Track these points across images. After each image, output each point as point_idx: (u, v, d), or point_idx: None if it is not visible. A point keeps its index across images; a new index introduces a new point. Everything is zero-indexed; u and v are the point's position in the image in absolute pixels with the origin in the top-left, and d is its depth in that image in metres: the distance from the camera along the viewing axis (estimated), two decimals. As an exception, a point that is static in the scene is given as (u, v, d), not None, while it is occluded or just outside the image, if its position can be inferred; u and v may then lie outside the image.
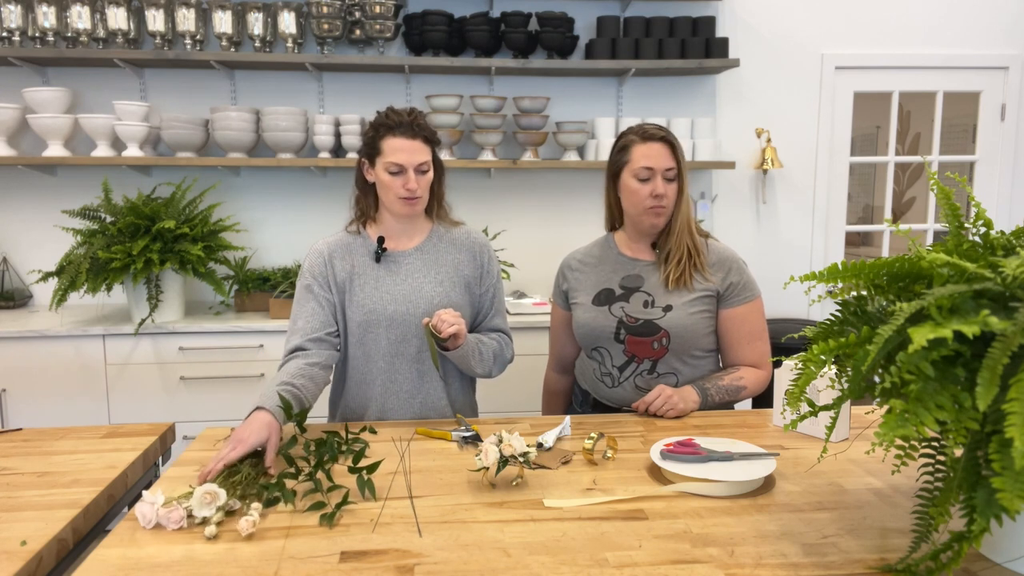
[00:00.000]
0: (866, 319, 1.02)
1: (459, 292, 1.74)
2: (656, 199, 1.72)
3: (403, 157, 1.63)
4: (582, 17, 3.32)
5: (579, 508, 1.19)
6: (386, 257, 1.73)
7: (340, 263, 1.73)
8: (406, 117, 1.66)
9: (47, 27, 2.95)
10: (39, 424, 2.72)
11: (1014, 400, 0.76)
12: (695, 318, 1.74)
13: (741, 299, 1.77)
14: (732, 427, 1.60)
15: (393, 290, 1.71)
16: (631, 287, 1.79)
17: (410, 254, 1.74)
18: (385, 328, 1.70)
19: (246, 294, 3.03)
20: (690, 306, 1.74)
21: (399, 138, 1.64)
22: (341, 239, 1.77)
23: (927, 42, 3.50)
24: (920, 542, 0.96)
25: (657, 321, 1.73)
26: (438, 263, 1.74)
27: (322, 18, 3.01)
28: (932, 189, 1.12)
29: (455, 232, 1.79)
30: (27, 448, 1.50)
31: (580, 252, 1.93)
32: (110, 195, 2.77)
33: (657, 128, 1.75)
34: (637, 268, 1.81)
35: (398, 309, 1.69)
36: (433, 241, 1.77)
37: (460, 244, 1.78)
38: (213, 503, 1.13)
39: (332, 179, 3.32)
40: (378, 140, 1.65)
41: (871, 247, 4.72)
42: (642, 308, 1.75)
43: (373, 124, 1.68)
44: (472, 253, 1.78)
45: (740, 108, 3.45)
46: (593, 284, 1.82)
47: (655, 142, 1.72)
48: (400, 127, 1.64)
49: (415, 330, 1.70)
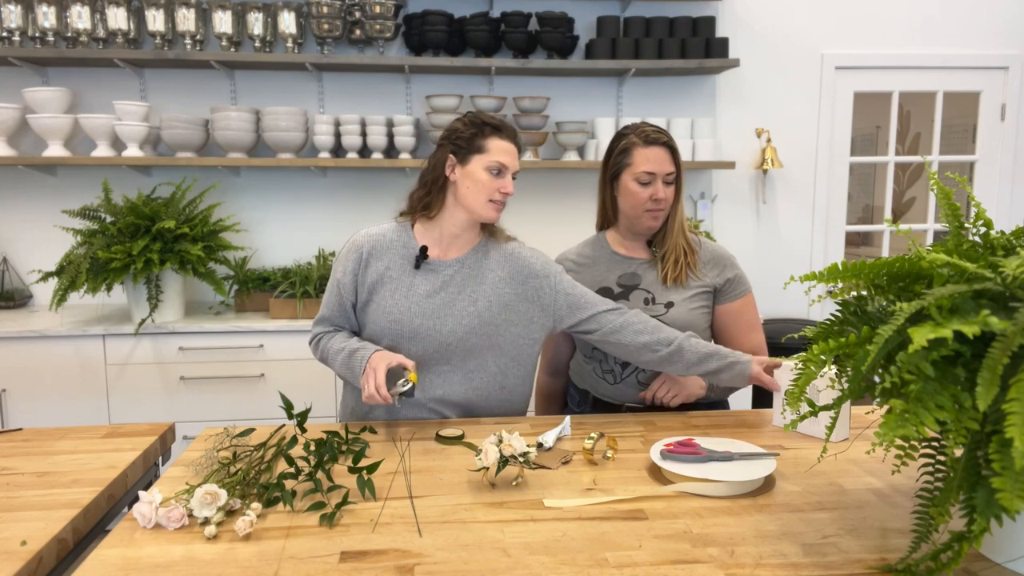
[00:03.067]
0: (866, 319, 1.02)
1: (495, 311, 1.65)
2: (655, 202, 1.73)
3: (508, 159, 1.61)
4: (582, 17, 3.32)
5: (579, 508, 1.19)
6: (425, 265, 1.66)
7: (376, 263, 1.67)
8: (510, 125, 1.65)
9: (47, 27, 2.95)
10: (39, 424, 2.72)
11: (1014, 400, 0.76)
12: (695, 313, 1.76)
13: (737, 294, 1.81)
14: (732, 427, 1.60)
15: (423, 303, 1.63)
16: (629, 285, 1.80)
17: (451, 265, 1.66)
18: (408, 340, 1.63)
19: (246, 294, 3.03)
20: (690, 302, 1.76)
21: (506, 141, 1.62)
22: (385, 233, 1.70)
23: (927, 42, 3.50)
24: (920, 542, 0.96)
25: (661, 318, 1.74)
26: (476, 279, 1.66)
27: (322, 18, 3.01)
28: (932, 189, 1.12)
29: (504, 247, 1.71)
30: (27, 448, 1.50)
31: (572, 252, 1.92)
32: (110, 195, 2.77)
33: (657, 131, 1.75)
34: (632, 266, 1.82)
35: (424, 324, 1.62)
36: (478, 256, 1.69)
37: (503, 261, 1.69)
38: (213, 503, 1.13)
39: (332, 179, 3.31)
40: (481, 138, 1.60)
41: (871, 247, 4.72)
42: (643, 305, 1.77)
43: (474, 122, 1.62)
44: (514, 270, 1.68)
45: (740, 108, 3.45)
46: (589, 284, 1.82)
47: (657, 147, 1.73)
48: (506, 131, 1.63)
49: (441, 347, 1.63)
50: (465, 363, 1.66)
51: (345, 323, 1.72)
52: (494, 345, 1.66)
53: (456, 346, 1.64)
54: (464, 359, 1.65)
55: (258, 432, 1.54)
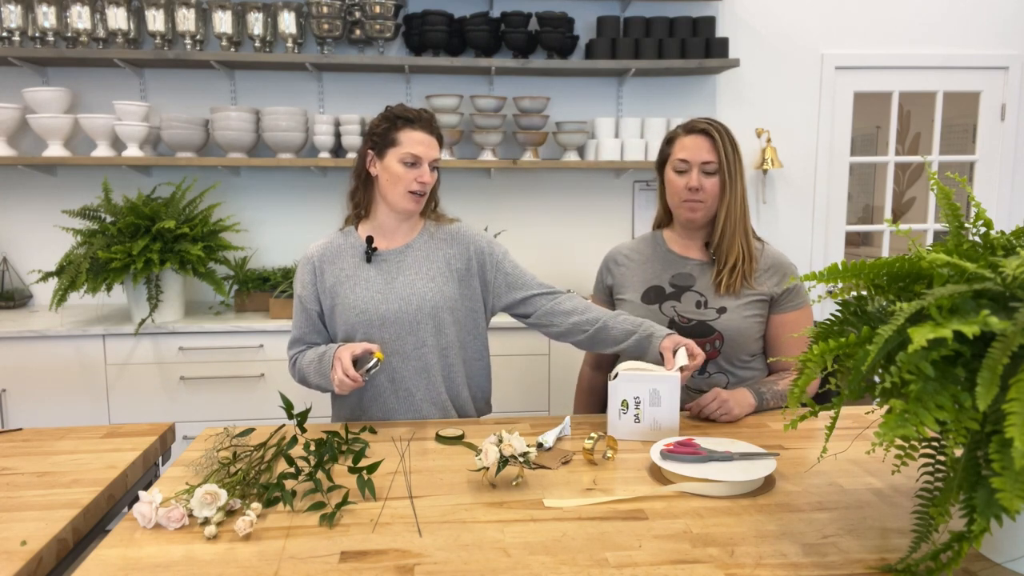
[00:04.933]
0: (866, 319, 1.02)
1: (452, 285, 1.73)
2: (691, 192, 1.68)
3: (421, 150, 1.64)
4: (582, 17, 3.32)
5: (579, 508, 1.19)
6: (377, 257, 1.74)
7: (330, 268, 1.74)
8: (424, 114, 1.69)
9: (47, 27, 2.95)
10: (39, 424, 2.72)
11: (1014, 400, 0.76)
12: (749, 321, 1.70)
13: (794, 304, 1.73)
14: (732, 427, 1.60)
15: (385, 289, 1.71)
16: (682, 286, 1.74)
17: (401, 252, 1.74)
18: (378, 328, 1.70)
19: (246, 294, 3.03)
20: (744, 309, 1.70)
21: (419, 131, 1.66)
22: (332, 242, 1.78)
23: (927, 42, 3.50)
24: (920, 542, 0.96)
25: (712, 323, 1.69)
26: (429, 259, 1.74)
27: (322, 18, 3.01)
28: (932, 189, 1.12)
29: (446, 228, 1.79)
30: (27, 448, 1.50)
31: (626, 247, 1.88)
32: (110, 195, 2.77)
33: (707, 121, 1.70)
34: (688, 267, 1.76)
35: (391, 308, 1.69)
36: (424, 238, 1.76)
37: (451, 239, 1.77)
38: (213, 503, 1.13)
39: (332, 179, 3.31)
40: (395, 131, 1.66)
41: (871, 247, 4.72)
42: (695, 308, 1.71)
43: (387, 116, 1.69)
44: (462, 246, 1.76)
45: (740, 108, 3.45)
46: (641, 281, 1.78)
47: (695, 134, 1.69)
48: (419, 121, 1.67)
49: (410, 327, 1.70)
50: (438, 339, 1.72)
51: (317, 338, 1.78)
52: (458, 320, 1.75)
53: (425, 323, 1.70)
54: (436, 334, 1.72)
55: (258, 432, 1.54)
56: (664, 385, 1.49)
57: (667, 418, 1.51)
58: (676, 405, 1.51)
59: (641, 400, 1.50)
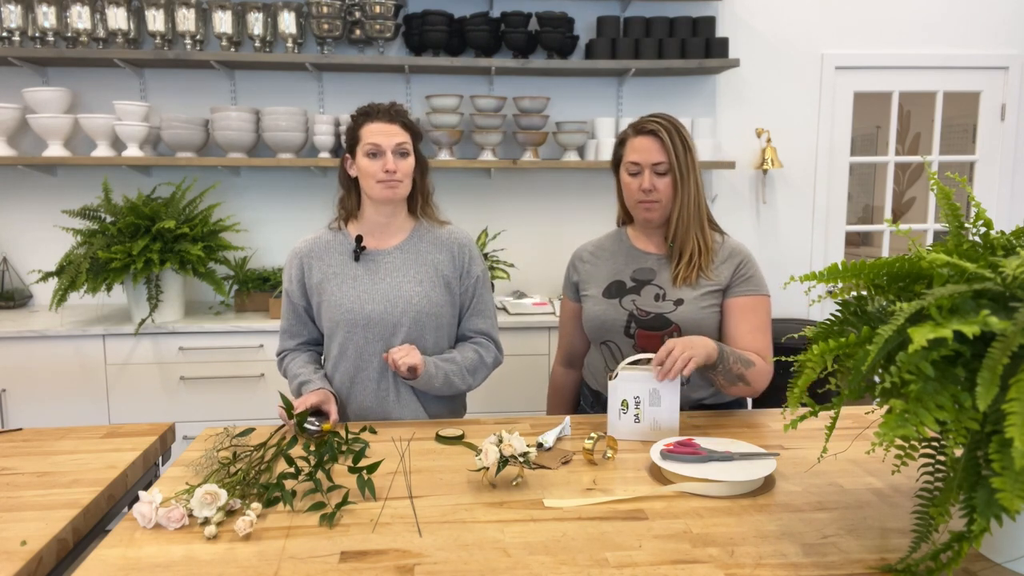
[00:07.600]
0: (866, 319, 1.02)
1: (439, 291, 1.74)
2: (645, 193, 1.69)
3: (380, 138, 1.66)
4: (582, 17, 3.32)
5: (579, 508, 1.19)
6: (365, 256, 1.74)
7: (317, 263, 1.75)
8: (385, 106, 1.71)
9: (47, 27, 2.95)
10: (39, 424, 2.72)
11: (1014, 400, 0.76)
12: (705, 312, 1.71)
13: (747, 289, 1.72)
14: (732, 427, 1.60)
15: (371, 289, 1.71)
16: (643, 280, 1.76)
17: (390, 252, 1.74)
18: (363, 328, 1.70)
19: (246, 294, 3.03)
20: (701, 300, 1.71)
21: (376, 123, 1.68)
22: (321, 237, 1.79)
23: (927, 42, 3.50)
24: (920, 542, 0.96)
25: (669, 315, 1.70)
26: (418, 262, 1.74)
27: (322, 18, 3.01)
28: (932, 189, 1.12)
29: (438, 231, 1.79)
30: (27, 448, 1.50)
31: (591, 244, 1.91)
32: (110, 195, 2.77)
33: (654, 120, 1.70)
34: (649, 261, 1.78)
35: (376, 308, 1.69)
36: (414, 240, 1.76)
37: (441, 243, 1.77)
38: (213, 503, 1.13)
39: (332, 179, 3.31)
40: (358, 128, 1.69)
41: (871, 247, 4.72)
42: (653, 301, 1.73)
43: (353, 117, 1.72)
44: (452, 252, 1.77)
45: (740, 108, 3.45)
46: (604, 276, 1.80)
47: (644, 135, 1.70)
48: (379, 114, 1.69)
49: (394, 329, 1.70)
50: (421, 342, 1.72)
51: (304, 331, 1.81)
52: (440, 326, 1.75)
53: (411, 327, 1.70)
54: (420, 339, 1.72)
55: (258, 432, 1.54)
56: (664, 385, 1.50)
57: (667, 418, 1.51)
58: (676, 405, 1.51)
59: (641, 400, 1.50)
